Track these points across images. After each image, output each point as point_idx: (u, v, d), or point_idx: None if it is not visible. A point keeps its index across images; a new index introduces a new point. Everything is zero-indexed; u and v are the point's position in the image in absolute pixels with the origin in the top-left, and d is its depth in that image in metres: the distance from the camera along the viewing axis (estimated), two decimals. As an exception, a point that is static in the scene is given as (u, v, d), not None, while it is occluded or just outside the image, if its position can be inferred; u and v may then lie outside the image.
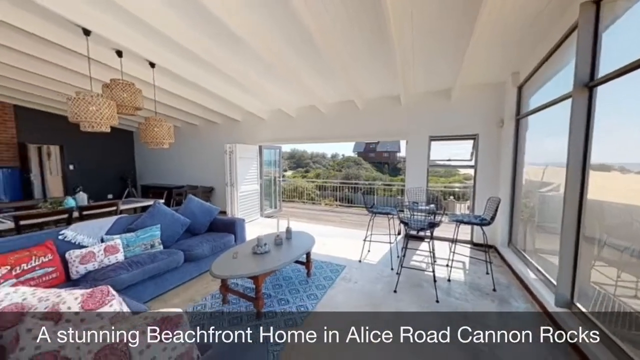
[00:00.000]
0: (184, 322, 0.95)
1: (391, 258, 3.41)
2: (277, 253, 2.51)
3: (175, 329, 0.91)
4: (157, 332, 0.87)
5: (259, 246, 2.50)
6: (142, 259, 2.41)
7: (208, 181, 6.70)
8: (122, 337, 0.85)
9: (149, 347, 0.85)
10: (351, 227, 5.41)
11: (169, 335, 0.89)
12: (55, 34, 2.72)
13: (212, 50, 3.07)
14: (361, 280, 2.90)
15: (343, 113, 4.97)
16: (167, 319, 0.91)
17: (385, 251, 3.74)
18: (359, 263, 3.39)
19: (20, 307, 1.02)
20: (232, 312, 2.26)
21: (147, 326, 0.87)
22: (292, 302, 2.42)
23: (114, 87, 2.97)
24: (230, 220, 3.48)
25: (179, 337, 0.92)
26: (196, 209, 3.37)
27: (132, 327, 0.88)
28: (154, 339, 0.86)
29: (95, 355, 0.80)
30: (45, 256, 2.02)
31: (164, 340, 0.87)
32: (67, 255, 2.17)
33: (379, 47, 2.79)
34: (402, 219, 2.82)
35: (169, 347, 0.88)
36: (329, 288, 2.71)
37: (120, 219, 2.80)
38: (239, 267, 2.20)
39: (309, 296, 2.53)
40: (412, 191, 4.05)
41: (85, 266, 2.19)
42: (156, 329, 0.88)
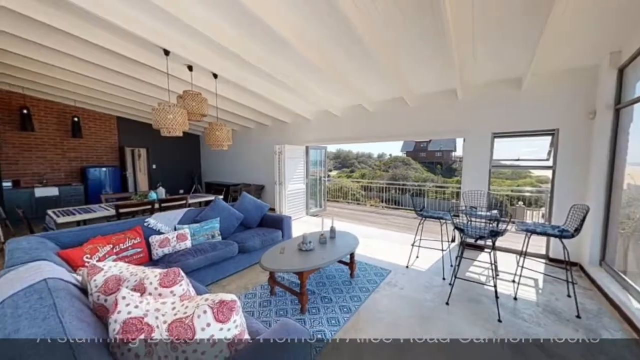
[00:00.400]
0: (237, 307, 1.04)
1: (443, 267, 3.13)
2: (321, 251, 2.56)
3: (230, 313, 1.01)
4: (216, 312, 0.98)
5: (304, 243, 2.58)
6: (205, 247, 2.74)
7: (259, 180, 7.22)
8: (188, 312, 0.98)
9: (209, 325, 0.96)
10: (398, 230, 5.16)
11: (225, 317, 0.99)
12: (144, 56, 3.29)
13: (267, 59, 3.30)
14: (408, 287, 2.74)
15: (391, 111, 4.77)
16: (224, 302, 1.01)
17: (436, 258, 3.45)
18: (406, 269, 3.21)
19: (119, 279, 1.28)
20: (279, 304, 2.39)
21: (207, 307, 0.99)
22: (335, 302, 2.43)
23: (185, 98, 3.45)
24: (278, 217, 3.68)
25: (234, 320, 1.01)
26: (249, 205, 3.67)
27: (196, 305, 1.00)
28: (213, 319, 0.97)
29: (168, 326, 0.95)
30: (135, 239, 2.48)
31: (221, 321, 0.98)
32: (150, 239, 2.61)
33: (433, 39, 2.59)
34: (457, 224, 2.56)
35: (224, 328, 0.98)
36: (373, 291, 2.63)
37: (188, 211, 3.23)
38: (286, 261, 2.32)
39: (352, 297, 2.50)
40: (470, 195, 3.64)
41: (162, 250, 2.60)
42: (215, 310, 0.98)
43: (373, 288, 2.70)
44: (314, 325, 2.09)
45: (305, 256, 2.43)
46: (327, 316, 2.21)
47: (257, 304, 2.39)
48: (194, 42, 3.04)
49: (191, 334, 0.93)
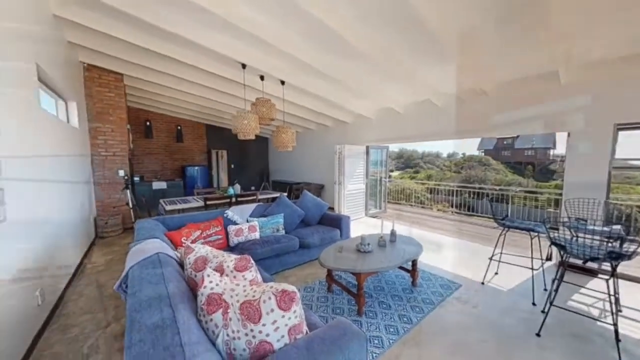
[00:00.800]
0: (297, 298, 1.11)
1: (533, 289, 2.58)
2: (380, 254, 2.47)
3: (291, 303, 1.08)
4: (279, 300, 1.07)
5: (362, 244, 2.55)
6: (271, 240, 3.01)
7: (320, 179, 7.48)
8: (256, 296, 1.10)
9: (272, 310, 1.05)
10: (471, 240, 4.52)
11: (287, 306, 1.07)
12: (226, 71, 3.85)
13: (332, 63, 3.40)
14: (483, 307, 2.38)
15: (464, 104, 4.21)
16: (286, 292, 1.09)
17: (522, 278, 2.88)
18: (481, 285, 2.78)
19: (205, 259, 1.53)
20: (336, 302, 2.43)
21: (272, 294, 1.09)
22: (394, 309, 2.31)
23: (257, 104, 3.87)
24: (337, 217, 3.74)
25: (294, 310, 1.09)
26: (310, 203, 3.85)
27: (263, 291, 1.12)
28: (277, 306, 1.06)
29: (240, 305, 1.08)
30: (217, 227, 2.92)
31: (283, 309, 1.06)
32: (228, 228, 3.04)
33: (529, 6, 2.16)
34: (556, 240, 2.07)
35: (286, 316, 1.06)
36: (438, 305, 2.39)
37: (258, 206, 3.62)
38: (344, 261, 2.33)
39: (413, 308, 2.33)
40: (576, 204, 2.88)
41: (237, 238, 2.99)
42: (278, 298, 1.07)
43: (438, 301, 2.44)
44: (371, 329, 2.04)
45: (363, 258, 2.40)
46: (385, 323, 2.12)
47: (315, 299, 2.49)
48: (266, 55, 3.37)
49: (258, 316, 1.04)
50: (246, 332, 1.03)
